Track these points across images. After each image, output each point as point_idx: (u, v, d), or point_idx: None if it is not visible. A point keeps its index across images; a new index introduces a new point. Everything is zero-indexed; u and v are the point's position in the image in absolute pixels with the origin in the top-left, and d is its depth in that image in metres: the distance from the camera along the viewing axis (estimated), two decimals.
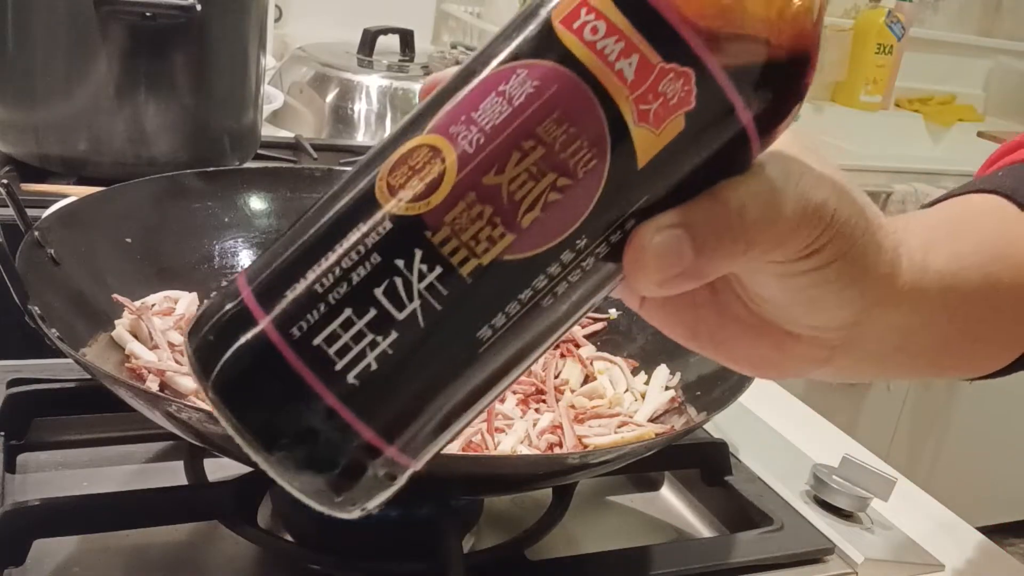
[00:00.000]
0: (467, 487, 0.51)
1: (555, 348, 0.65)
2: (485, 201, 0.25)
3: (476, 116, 0.26)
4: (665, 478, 0.66)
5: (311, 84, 1.40)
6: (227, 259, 0.67)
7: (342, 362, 0.26)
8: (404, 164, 0.26)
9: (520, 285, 0.26)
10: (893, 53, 2.15)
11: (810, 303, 0.32)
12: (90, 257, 0.60)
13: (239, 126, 0.99)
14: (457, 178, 0.26)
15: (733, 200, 0.28)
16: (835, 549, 0.58)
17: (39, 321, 0.48)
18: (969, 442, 2.26)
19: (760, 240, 0.28)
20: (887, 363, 0.38)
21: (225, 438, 0.46)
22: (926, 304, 0.36)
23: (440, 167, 0.26)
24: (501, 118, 0.26)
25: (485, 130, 0.26)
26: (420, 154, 0.26)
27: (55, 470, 0.58)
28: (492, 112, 0.26)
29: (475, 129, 0.26)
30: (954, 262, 0.37)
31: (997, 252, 0.40)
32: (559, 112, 0.25)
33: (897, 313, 0.35)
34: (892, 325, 0.35)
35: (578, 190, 0.26)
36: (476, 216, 0.25)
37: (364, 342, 0.26)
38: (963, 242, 0.39)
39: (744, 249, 0.28)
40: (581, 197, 0.26)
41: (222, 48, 0.95)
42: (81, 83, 0.89)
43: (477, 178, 0.25)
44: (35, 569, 0.48)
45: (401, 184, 0.26)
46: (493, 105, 0.26)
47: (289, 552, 0.52)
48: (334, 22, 1.70)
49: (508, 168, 0.25)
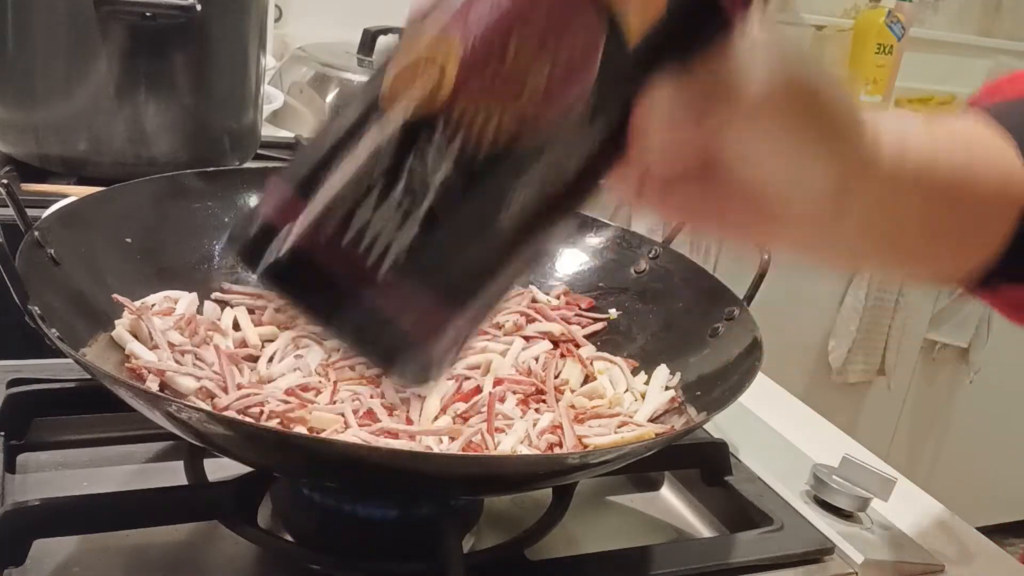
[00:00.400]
0: (467, 487, 0.51)
1: (555, 348, 0.65)
2: (489, 90, 0.27)
3: (471, 19, 0.27)
4: (665, 478, 0.66)
5: (311, 84, 1.40)
6: (227, 259, 0.67)
7: (370, 257, 0.27)
8: (408, 72, 0.27)
9: (526, 167, 0.27)
10: (893, 53, 2.15)
11: (797, 161, 0.34)
12: (90, 257, 0.60)
13: (239, 126, 0.99)
14: (460, 65, 0.27)
15: (720, 71, 0.31)
16: (835, 549, 0.58)
17: (39, 321, 0.48)
18: (969, 442, 2.26)
19: (742, 103, 0.32)
20: (866, 248, 0.41)
21: (225, 438, 0.46)
22: (904, 185, 0.38)
23: (444, 58, 0.27)
24: (500, 7, 0.27)
25: (484, 17, 0.27)
26: (429, 49, 0.28)
27: (55, 470, 0.58)
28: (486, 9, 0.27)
29: (475, 17, 0.27)
30: (929, 145, 0.40)
31: (970, 138, 0.43)
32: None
33: (880, 189, 0.37)
34: (873, 202, 0.38)
35: (573, 69, 0.27)
36: (483, 105, 0.27)
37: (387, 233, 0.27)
38: (937, 130, 0.42)
39: (728, 112, 0.31)
40: (576, 75, 0.27)
41: (222, 48, 0.95)
42: (81, 83, 0.89)
43: (480, 66, 0.27)
44: (35, 569, 0.48)
45: (407, 88, 0.27)
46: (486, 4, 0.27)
47: (289, 552, 0.52)
48: (334, 22, 1.70)
49: (508, 54, 0.27)
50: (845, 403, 2.12)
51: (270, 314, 0.64)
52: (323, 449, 0.46)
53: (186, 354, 0.57)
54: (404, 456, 0.47)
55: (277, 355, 0.60)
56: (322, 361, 0.59)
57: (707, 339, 0.62)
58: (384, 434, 0.52)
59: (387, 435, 0.52)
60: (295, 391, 0.55)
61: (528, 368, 0.61)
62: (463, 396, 0.57)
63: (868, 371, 2.10)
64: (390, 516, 0.53)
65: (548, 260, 0.72)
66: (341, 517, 0.54)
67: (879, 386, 2.14)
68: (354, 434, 0.52)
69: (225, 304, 0.65)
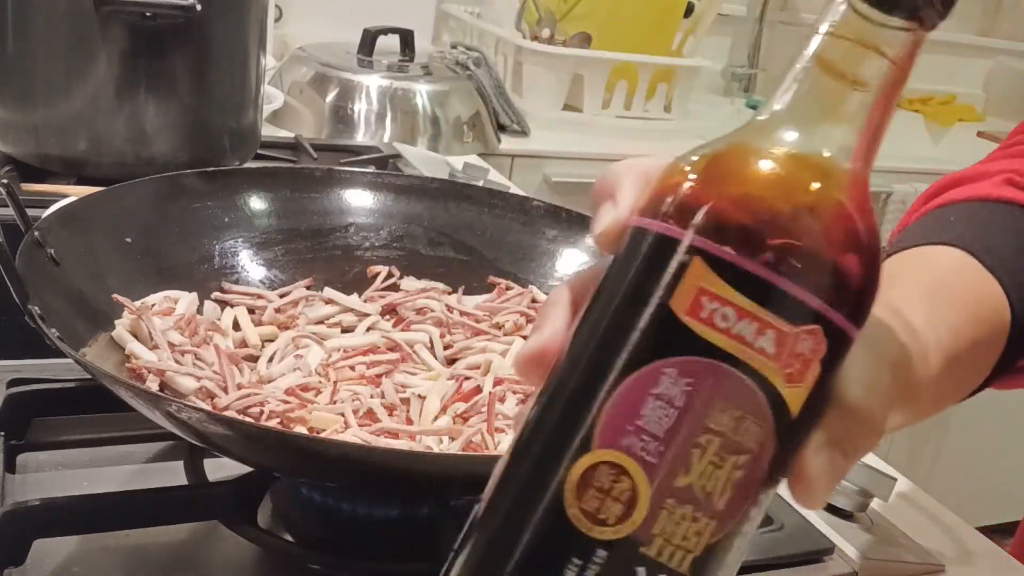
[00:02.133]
0: (467, 487, 0.51)
1: None
2: (683, 502, 0.27)
3: (643, 424, 0.27)
4: None
5: (311, 84, 1.40)
6: (227, 259, 0.67)
7: None
8: (590, 486, 0.27)
9: (725, 553, 0.28)
10: None
11: None
12: (90, 257, 0.60)
13: (239, 126, 0.99)
14: (652, 491, 0.27)
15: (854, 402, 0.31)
16: (835, 549, 0.58)
17: (39, 321, 0.48)
18: (969, 442, 2.26)
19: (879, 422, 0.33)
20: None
21: (225, 438, 0.46)
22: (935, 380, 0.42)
23: (629, 483, 0.27)
24: (671, 422, 0.27)
25: (659, 437, 0.27)
26: (603, 473, 0.27)
27: (55, 470, 0.58)
28: (658, 417, 0.27)
29: (648, 438, 0.27)
30: (949, 336, 0.43)
31: (978, 315, 0.47)
32: (721, 401, 0.27)
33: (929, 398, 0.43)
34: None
35: (755, 459, 0.28)
36: (680, 518, 0.27)
37: None
38: (956, 314, 0.45)
39: (878, 436, 0.32)
40: (759, 463, 0.28)
41: (222, 48, 0.95)
42: (81, 83, 0.89)
43: (669, 484, 0.27)
44: (35, 569, 0.48)
45: (598, 508, 0.27)
46: (656, 410, 0.27)
47: (289, 552, 0.52)
48: (334, 22, 1.70)
49: (694, 466, 0.27)
50: None
51: (270, 314, 0.64)
52: (323, 449, 0.46)
53: (186, 354, 0.57)
54: (404, 456, 0.47)
55: (277, 355, 0.60)
56: (322, 361, 0.59)
57: None
58: (384, 434, 0.52)
59: (387, 435, 0.52)
60: (295, 391, 0.55)
61: None
62: (463, 396, 0.57)
63: None
64: (390, 516, 0.53)
65: (548, 260, 0.72)
66: (341, 517, 0.54)
67: None
68: (354, 434, 0.52)
69: (225, 304, 0.65)
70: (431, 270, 0.71)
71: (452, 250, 0.73)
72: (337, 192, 0.73)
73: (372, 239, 0.72)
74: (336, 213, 0.72)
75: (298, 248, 0.70)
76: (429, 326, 0.65)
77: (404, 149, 1.25)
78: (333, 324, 0.65)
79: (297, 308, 0.65)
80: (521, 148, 1.55)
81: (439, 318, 0.66)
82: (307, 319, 0.64)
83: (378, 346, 0.62)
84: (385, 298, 0.68)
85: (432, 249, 0.73)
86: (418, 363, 0.62)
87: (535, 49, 1.67)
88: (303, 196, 0.72)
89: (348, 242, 0.72)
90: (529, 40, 1.69)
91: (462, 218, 0.74)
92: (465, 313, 0.67)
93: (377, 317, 0.66)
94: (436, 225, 0.73)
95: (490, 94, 1.54)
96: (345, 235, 0.72)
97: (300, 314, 0.65)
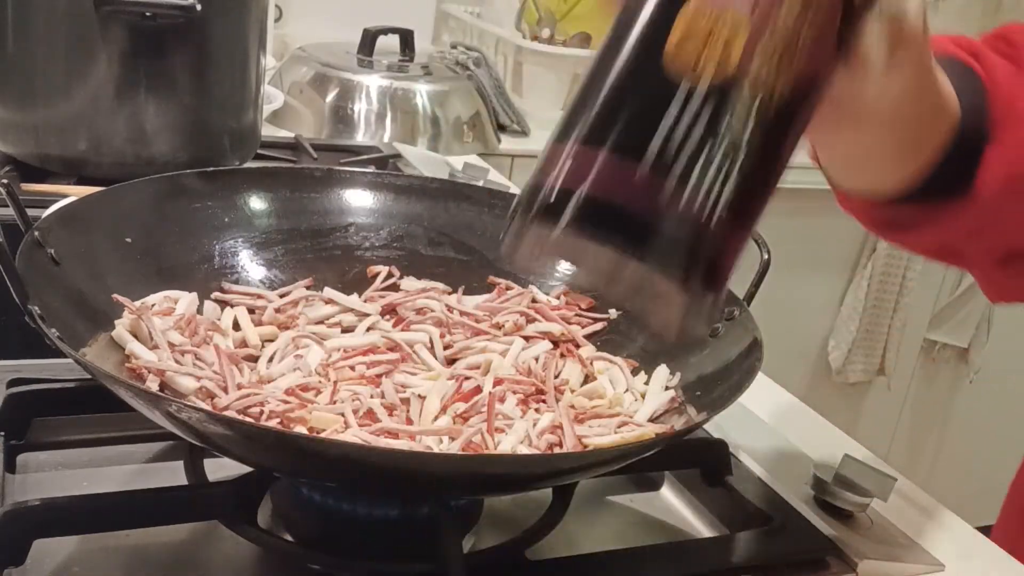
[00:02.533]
0: (467, 487, 0.51)
1: (555, 348, 0.65)
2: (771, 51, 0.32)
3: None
4: (665, 478, 0.66)
5: (311, 84, 1.40)
6: (227, 259, 0.67)
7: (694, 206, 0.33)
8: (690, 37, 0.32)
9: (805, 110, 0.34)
10: None
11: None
12: (90, 257, 0.60)
13: (239, 126, 0.99)
14: (746, 38, 0.32)
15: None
16: (835, 549, 0.58)
17: (39, 321, 0.48)
18: (969, 442, 2.26)
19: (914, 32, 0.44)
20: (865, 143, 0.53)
21: (225, 438, 0.46)
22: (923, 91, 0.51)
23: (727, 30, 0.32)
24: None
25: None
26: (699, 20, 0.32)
27: (55, 470, 0.58)
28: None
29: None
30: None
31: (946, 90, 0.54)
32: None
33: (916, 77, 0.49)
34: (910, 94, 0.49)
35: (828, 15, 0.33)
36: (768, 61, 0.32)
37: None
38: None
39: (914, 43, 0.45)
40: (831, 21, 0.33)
41: (222, 48, 0.95)
42: (81, 83, 0.89)
43: (760, 31, 0.32)
44: (35, 569, 0.48)
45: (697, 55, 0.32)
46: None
47: (289, 552, 0.52)
48: (334, 22, 1.70)
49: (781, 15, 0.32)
50: (845, 403, 2.12)
51: (270, 314, 0.64)
52: (323, 449, 0.46)
53: (186, 354, 0.57)
54: (404, 456, 0.47)
55: (277, 355, 0.60)
56: (322, 361, 0.59)
57: (707, 339, 0.62)
58: (384, 434, 0.52)
59: (387, 435, 0.52)
60: (295, 391, 0.55)
61: (528, 368, 0.62)
62: (463, 396, 0.57)
63: (868, 371, 2.10)
64: (390, 516, 0.53)
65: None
66: (341, 517, 0.54)
67: (879, 386, 2.14)
68: (354, 434, 0.52)
69: (225, 304, 0.65)
70: (431, 270, 0.71)
71: (452, 250, 0.73)
72: (337, 192, 0.73)
73: (372, 239, 0.72)
74: (336, 213, 0.72)
75: (298, 248, 0.70)
76: (429, 326, 0.65)
77: (404, 149, 1.25)
78: (333, 324, 0.65)
79: (297, 308, 0.65)
80: (521, 148, 1.55)
81: (439, 318, 0.66)
82: (307, 319, 0.64)
83: (378, 346, 0.62)
84: (385, 298, 0.68)
85: (432, 249, 0.73)
86: (418, 363, 0.62)
87: (535, 49, 1.67)
88: (303, 196, 0.72)
89: (348, 242, 0.72)
90: (529, 40, 1.69)
91: (462, 218, 0.74)
92: (465, 313, 0.67)
93: (377, 317, 0.66)
94: (436, 225, 0.73)
95: (490, 94, 1.54)
96: (345, 235, 0.72)
97: (300, 314, 0.65)
